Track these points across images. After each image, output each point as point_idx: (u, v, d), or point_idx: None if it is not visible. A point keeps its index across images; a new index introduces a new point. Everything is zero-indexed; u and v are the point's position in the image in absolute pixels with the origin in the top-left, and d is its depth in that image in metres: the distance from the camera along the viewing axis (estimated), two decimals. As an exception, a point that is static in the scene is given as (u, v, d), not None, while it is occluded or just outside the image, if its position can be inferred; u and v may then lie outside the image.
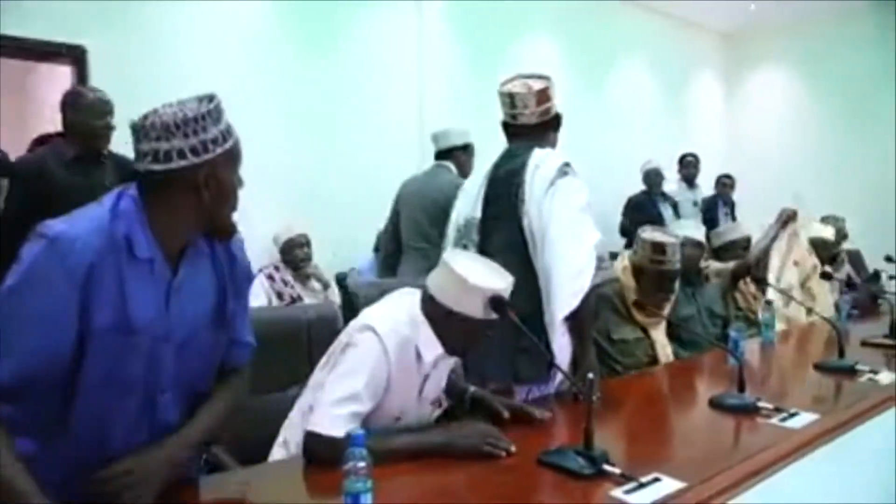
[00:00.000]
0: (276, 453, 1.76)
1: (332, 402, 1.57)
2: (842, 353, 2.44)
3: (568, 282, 1.98)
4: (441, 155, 3.63)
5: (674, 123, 7.73)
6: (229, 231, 1.43)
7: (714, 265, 3.57)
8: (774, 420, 1.86)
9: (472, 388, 1.93)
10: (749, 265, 3.43)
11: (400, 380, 1.65)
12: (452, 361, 1.81)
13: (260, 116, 4.26)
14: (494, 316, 1.64)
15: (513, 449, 1.59)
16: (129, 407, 1.35)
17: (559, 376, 2.11)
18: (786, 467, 1.60)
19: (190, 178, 1.29)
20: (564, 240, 2.00)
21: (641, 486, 1.41)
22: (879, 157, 5.07)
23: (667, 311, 2.67)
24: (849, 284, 4.29)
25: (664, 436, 1.79)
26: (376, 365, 1.60)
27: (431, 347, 1.68)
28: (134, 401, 1.36)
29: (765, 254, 3.51)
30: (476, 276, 1.61)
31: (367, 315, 1.70)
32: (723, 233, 3.99)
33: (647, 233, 2.61)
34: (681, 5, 7.30)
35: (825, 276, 3.60)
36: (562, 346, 2.08)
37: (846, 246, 4.70)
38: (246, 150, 1.39)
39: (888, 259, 4.89)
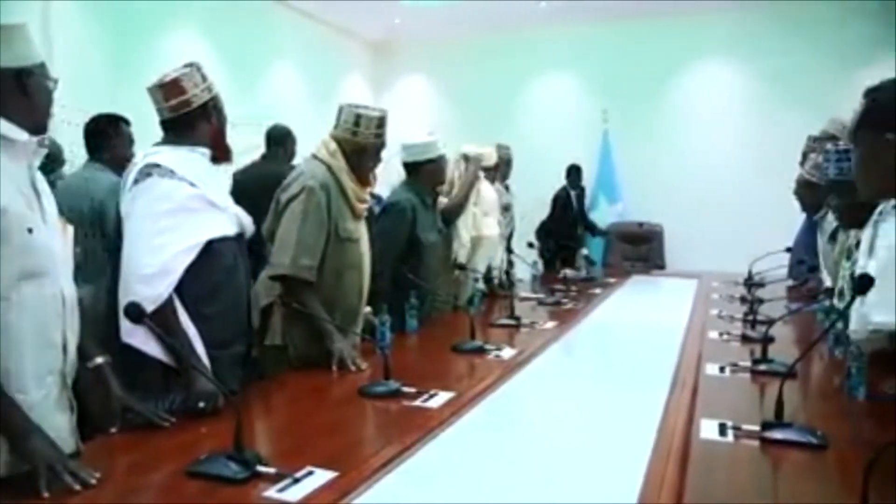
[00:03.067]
0: None
1: None
2: (473, 336, 2.73)
3: (136, 290, 1.81)
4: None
5: (323, 125, 7.93)
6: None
7: None
8: (417, 402, 2.02)
9: (99, 360, 1.70)
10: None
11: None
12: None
13: None
14: (38, 58, 1.63)
15: (76, 487, 1.37)
16: None
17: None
18: (428, 443, 1.74)
19: None
20: (136, 246, 1.87)
21: (295, 481, 1.43)
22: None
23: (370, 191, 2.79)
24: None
25: (317, 429, 1.83)
26: None
27: (12, 129, 1.51)
28: None
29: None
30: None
31: None
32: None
33: (368, 110, 2.67)
34: (332, 12, 7.53)
35: (459, 268, 3.90)
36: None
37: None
38: None
39: (530, 245, 5.50)
